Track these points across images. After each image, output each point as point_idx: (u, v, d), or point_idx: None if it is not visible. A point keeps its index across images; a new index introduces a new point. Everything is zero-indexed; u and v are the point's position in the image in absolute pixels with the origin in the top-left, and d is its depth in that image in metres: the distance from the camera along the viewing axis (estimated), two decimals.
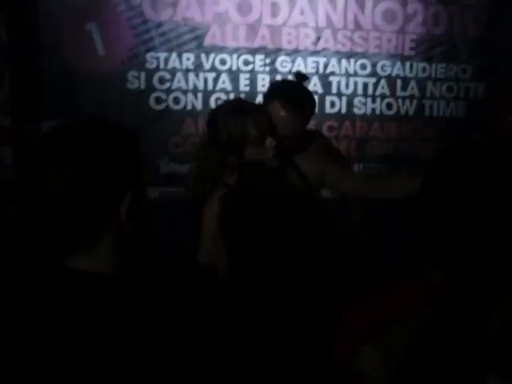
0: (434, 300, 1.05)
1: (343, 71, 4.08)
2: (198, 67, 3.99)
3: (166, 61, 3.97)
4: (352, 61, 4.08)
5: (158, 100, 3.99)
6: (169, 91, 3.99)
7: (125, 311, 1.04)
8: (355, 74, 4.10)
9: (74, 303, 1.05)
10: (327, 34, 4.02)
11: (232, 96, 3.99)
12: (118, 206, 1.09)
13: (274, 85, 2.57)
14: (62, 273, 1.10)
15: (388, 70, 4.12)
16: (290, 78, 2.60)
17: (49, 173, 1.05)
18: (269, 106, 2.28)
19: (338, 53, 4.06)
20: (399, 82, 4.14)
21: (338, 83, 4.07)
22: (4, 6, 3.78)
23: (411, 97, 4.17)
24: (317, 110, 2.49)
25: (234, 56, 4.00)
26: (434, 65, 4.16)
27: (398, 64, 4.12)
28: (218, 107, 2.34)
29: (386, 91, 4.14)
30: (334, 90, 4.06)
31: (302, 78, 2.43)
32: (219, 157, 2.19)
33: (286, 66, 4.02)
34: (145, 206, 1.17)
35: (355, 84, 4.10)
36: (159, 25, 3.95)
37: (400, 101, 4.16)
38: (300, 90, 2.41)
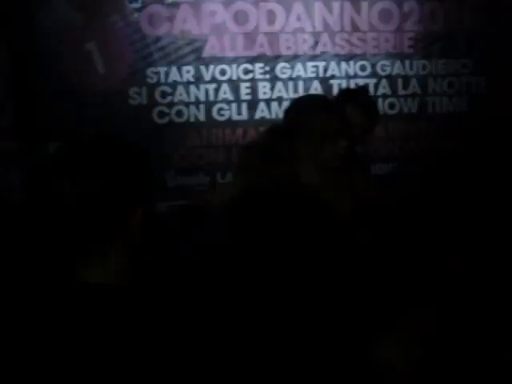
0: None
1: (343, 74, 4.09)
2: (199, 79, 4.01)
3: (167, 75, 3.99)
4: (351, 63, 4.09)
5: (161, 114, 4.01)
6: (171, 105, 4.01)
7: (137, 320, 1.05)
8: (355, 76, 4.10)
9: (87, 315, 1.06)
10: (325, 37, 4.03)
11: (234, 106, 4.01)
12: (131, 217, 1.12)
13: (349, 90, 2.65)
14: (74, 286, 1.11)
15: (388, 70, 4.12)
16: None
17: (63, 183, 1.07)
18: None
19: (337, 56, 4.07)
20: (400, 81, 4.15)
21: (339, 86, 4.08)
22: (3, 30, 3.82)
23: (413, 95, 4.17)
24: None
25: (234, 66, 4.02)
26: (433, 61, 4.16)
27: (398, 63, 4.12)
28: (303, 100, 2.31)
29: (388, 91, 4.14)
30: (336, 93, 4.06)
31: (366, 91, 2.54)
32: (294, 148, 2.15)
33: (285, 73, 4.03)
34: (154, 218, 1.20)
35: (356, 86, 4.10)
36: (157, 39, 3.97)
37: (402, 100, 4.16)
38: (374, 100, 2.49)
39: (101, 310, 1.06)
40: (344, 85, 4.08)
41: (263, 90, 4.03)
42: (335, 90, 4.05)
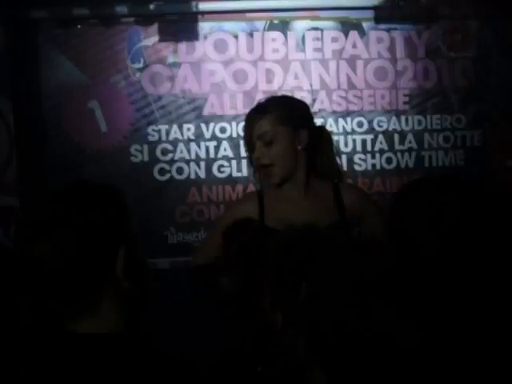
0: None
1: (341, 130, 4.17)
2: (199, 137, 4.09)
3: (168, 133, 4.07)
4: (348, 119, 4.18)
5: (162, 171, 4.07)
6: (172, 162, 4.07)
7: (131, 369, 1.04)
8: (353, 132, 4.19)
9: (81, 367, 1.03)
10: (322, 95, 4.14)
11: (234, 163, 4.07)
12: (114, 264, 1.08)
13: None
14: (64, 339, 1.07)
15: (384, 126, 4.21)
16: None
17: (37, 240, 1.05)
18: None
19: (334, 113, 4.16)
20: (396, 137, 4.22)
21: (337, 142, 4.15)
22: (9, 90, 3.91)
23: (410, 150, 4.24)
24: None
25: (234, 123, 4.10)
26: (428, 117, 4.25)
27: (394, 119, 4.21)
28: None
29: (385, 146, 4.21)
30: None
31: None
32: None
33: None
34: (140, 261, 1.17)
35: (354, 141, 4.18)
36: (159, 98, 4.07)
37: (399, 154, 4.23)
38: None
39: (88, 360, 1.03)
40: (342, 141, 4.16)
41: None
42: None
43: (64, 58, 4.02)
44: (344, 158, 4.14)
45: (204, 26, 4.06)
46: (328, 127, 4.14)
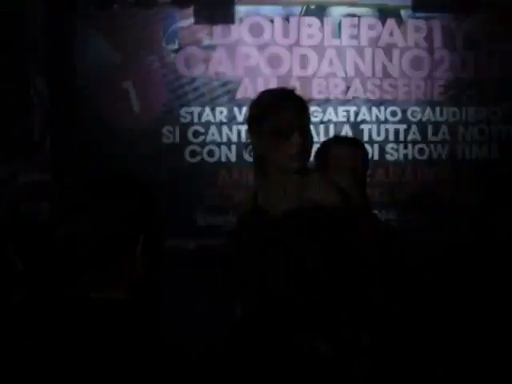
0: None
1: (374, 119, 4.13)
2: (231, 120, 4.09)
3: (200, 115, 4.08)
4: (382, 108, 4.14)
5: (193, 153, 4.09)
6: (203, 144, 4.09)
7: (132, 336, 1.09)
8: (386, 121, 4.14)
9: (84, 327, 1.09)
10: (356, 83, 4.10)
11: None
12: (133, 251, 1.14)
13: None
14: (76, 299, 1.15)
15: (418, 116, 4.16)
16: None
17: (64, 223, 1.13)
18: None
19: (367, 101, 4.12)
20: (430, 127, 4.17)
21: (370, 131, 4.12)
22: (45, 69, 3.95)
23: (443, 141, 4.18)
24: None
25: None
26: (464, 109, 4.18)
27: (428, 109, 4.16)
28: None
29: (418, 137, 4.16)
30: (366, 137, 4.10)
31: None
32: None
33: (317, 116, 4.08)
34: (159, 250, 1.22)
35: (386, 131, 4.14)
36: (192, 80, 4.08)
37: (432, 146, 4.18)
38: None
39: (98, 322, 1.09)
40: (374, 130, 4.12)
41: None
42: (365, 135, 4.09)
43: (100, 38, 4.05)
44: (376, 147, 4.11)
45: (240, 10, 4.05)
46: (361, 115, 4.12)
